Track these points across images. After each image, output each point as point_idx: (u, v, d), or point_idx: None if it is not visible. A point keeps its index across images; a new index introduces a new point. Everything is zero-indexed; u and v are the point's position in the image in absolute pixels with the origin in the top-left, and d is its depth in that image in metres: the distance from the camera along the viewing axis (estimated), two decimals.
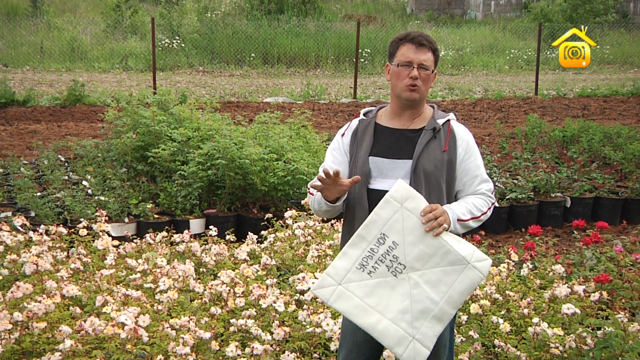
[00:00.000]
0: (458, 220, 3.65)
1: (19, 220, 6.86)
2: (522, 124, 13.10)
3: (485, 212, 3.81)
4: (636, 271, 6.19)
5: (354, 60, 20.39)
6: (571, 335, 4.90)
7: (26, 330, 4.79)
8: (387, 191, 3.61)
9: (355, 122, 3.90)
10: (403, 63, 3.73)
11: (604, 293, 5.56)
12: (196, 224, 8.06)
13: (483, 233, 7.52)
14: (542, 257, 6.61)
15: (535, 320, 5.07)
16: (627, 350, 4.15)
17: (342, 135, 3.90)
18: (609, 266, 6.31)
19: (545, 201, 9.10)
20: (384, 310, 3.57)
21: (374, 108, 3.96)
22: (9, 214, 7.90)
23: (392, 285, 3.58)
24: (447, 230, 3.59)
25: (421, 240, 3.56)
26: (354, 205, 3.78)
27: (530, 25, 28.72)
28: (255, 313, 5.18)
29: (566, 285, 5.63)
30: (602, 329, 4.66)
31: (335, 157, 3.89)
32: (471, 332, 4.92)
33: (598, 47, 27.17)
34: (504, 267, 6.03)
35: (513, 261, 6.29)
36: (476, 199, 3.78)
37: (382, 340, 3.56)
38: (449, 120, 3.81)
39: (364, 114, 3.92)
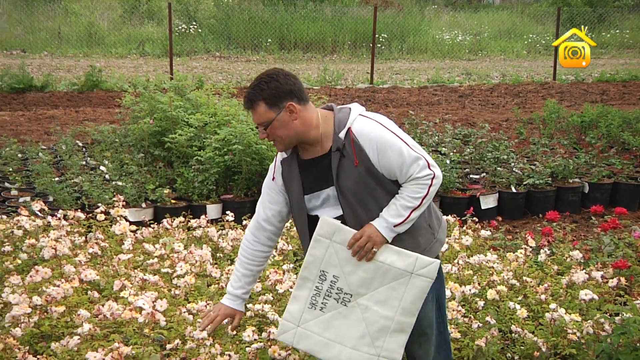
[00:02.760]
0: (394, 226, 3.60)
1: (37, 205, 6.90)
2: (540, 110, 13.01)
3: (425, 195, 3.59)
4: None
5: (371, 45, 20.33)
6: (589, 321, 4.88)
7: (45, 314, 4.83)
8: (336, 218, 3.70)
9: (279, 164, 3.82)
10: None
11: (622, 279, 5.53)
12: (213, 209, 8.08)
13: (500, 219, 7.52)
14: (560, 243, 6.59)
15: (553, 306, 5.05)
16: None
17: (273, 179, 3.85)
18: (627, 252, 6.29)
19: (563, 187, 9.05)
20: (343, 340, 3.73)
21: None
22: (28, 198, 7.95)
23: (345, 314, 3.73)
24: (385, 243, 3.64)
25: (358, 267, 3.68)
26: (300, 233, 3.93)
27: (549, 10, 28.49)
28: (271, 298, 5.20)
29: (584, 271, 5.61)
30: (620, 315, 4.65)
31: (272, 196, 3.88)
32: (488, 318, 4.90)
33: (618, 31, 26.99)
34: (521, 253, 6.01)
35: (530, 247, 6.27)
36: (409, 190, 3.60)
37: None
38: (350, 129, 3.61)
39: (283, 155, 3.82)
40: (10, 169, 9.22)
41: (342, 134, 3.59)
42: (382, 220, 3.60)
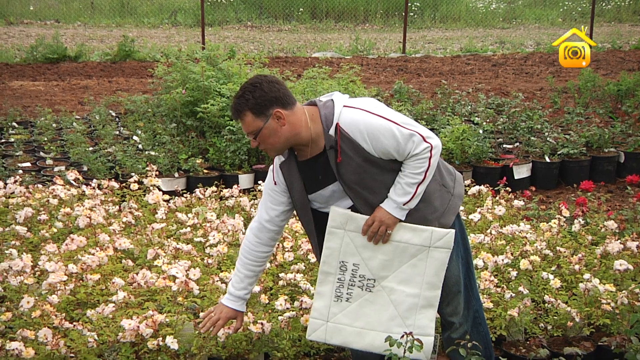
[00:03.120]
0: (403, 204, 3.60)
1: (72, 175, 6.96)
2: (574, 78, 12.84)
3: (428, 168, 3.57)
4: None
5: (403, 14, 20.14)
6: (623, 291, 4.85)
7: (81, 281, 4.88)
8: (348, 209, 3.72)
9: (277, 168, 3.80)
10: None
11: None
12: (245, 179, 8.10)
13: (533, 189, 7.46)
14: (594, 213, 6.53)
15: (587, 276, 5.03)
16: None
17: (275, 183, 3.83)
18: None
19: (598, 157, 8.95)
20: (374, 326, 3.74)
21: None
22: (62, 168, 8.02)
23: (371, 300, 3.74)
24: (398, 222, 3.65)
25: (376, 251, 3.70)
26: (307, 231, 3.94)
27: None
28: (304, 267, 5.21)
29: (619, 241, 5.57)
30: None
31: (274, 198, 3.85)
32: (521, 288, 4.88)
33: None
34: (554, 223, 5.97)
35: (564, 217, 6.23)
36: (410, 167, 3.58)
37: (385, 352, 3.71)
38: (337, 124, 3.57)
39: (280, 159, 3.80)
40: (45, 139, 9.31)
41: (331, 131, 3.57)
42: (391, 201, 3.60)
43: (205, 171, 8.21)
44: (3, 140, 9.47)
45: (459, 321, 3.95)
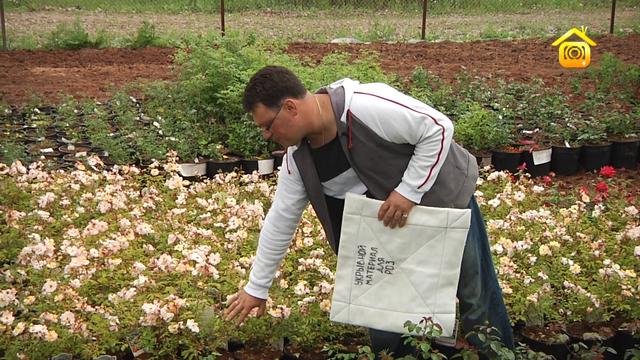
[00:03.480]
0: (418, 187, 3.61)
1: (93, 160, 6.99)
2: (595, 64, 12.73)
3: (441, 150, 3.57)
4: None
5: (423, 0, 20.03)
6: None
7: (102, 266, 4.91)
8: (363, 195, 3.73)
9: (290, 157, 3.81)
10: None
11: None
12: (264, 165, 8.11)
13: (553, 174, 7.42)
14: (615, 198, 6.49)
15: (607, 262, 5.01)
16: None
17: (289, 172, 3.84)
18: None
19: (619, 142, 8.89)
20: (396, 307, 3.76)
21: None
22: (84, 153, 8.06)
23: (391, 282, 3.76)
24: (413, 206, 3.65)
25: (393, 235, 3.71)
26: (321, 219, 3.96)
27: None
28: (323, 253, 5.22)
29: (639, 227, 5.53)
30: None
31: (290, 187, 3.86)
32: (540, 274, 4.87)
33: None
34: (574, 209, 5.93)
35: (584, 203, 6.20)
36: (423, 150, 3.58)
37: (408, 332, 3.71)
38: (349, 111, 3.56)
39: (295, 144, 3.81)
40: (67, 125, 9.35)
41: (343, 118, 3.57)
42: (405, 185, 3.61)
43: (225, 157, 8.23)
44: (25, 126, 9.52)
45: (477, 302, 3.95)
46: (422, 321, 3.69)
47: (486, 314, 3.95)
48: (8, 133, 9.01)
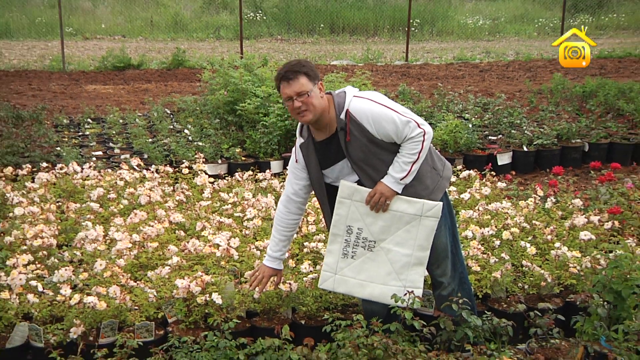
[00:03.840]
0: (400, 179, 3.62)
1: (135, 161, 7.00)
2: (548, 82, 12.69)
3: (421, 150, 3.60)
4: None
5: (406, 29, 19.99)
6: (587, 257, 4.83)
7: (142, 248, 4.91)
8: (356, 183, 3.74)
9: (298, 148, 3.85)
10: (285, 99, 3.65)
11: (616, 222, 5.50)
12: (276, 165, 8.10)
13: (514, 173, 7.40)
14: (564, 192, 6.48)
15: (557, 244, 5.01)
16: (634, 269, 4.06)
17: (296, 161, 3.88)
18: (620, 200, 6.18)
19: (567, 146, 8.86)
20: (374, 279, 3.77)
21: (304, 126, 3.82)
22: (127, 155, 8.05)
23: (372, 258, 3.77)
24: (396, 195, 3.66)
25: (377, 218, 3.72)
26: (320, 202, 3.95)
27: None
28: (324, 237, 5.20)
29: (584, 216, 5.55)
30: (614, 252, 4.58)
31: (297, 174, 3.90)
32: (503, 254, 4.86)
33: (615, 15, 26.09)
34: (531, 201, 5.93)
35: (539, 196, 6.19)
36: (406, 148, 3.60)
37: (383, 300, 3.76)
38: (347, 111, 3.60)
39: (300, 134, 3.83)
40: (114, 132, 9.35)
41: (342, 116, 3.61)
42: (390, 177, 3.63)
43: (243, 158, 8.22)
44: (80, 134, 9.51)
45: (447, 281, 3.97)
46: (406, 294, 3.68)
47: (455, 290, 3.95)
48: (66, 139, 9.00)
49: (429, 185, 3.76)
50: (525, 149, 8.69)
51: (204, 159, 7.05)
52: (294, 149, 3.90)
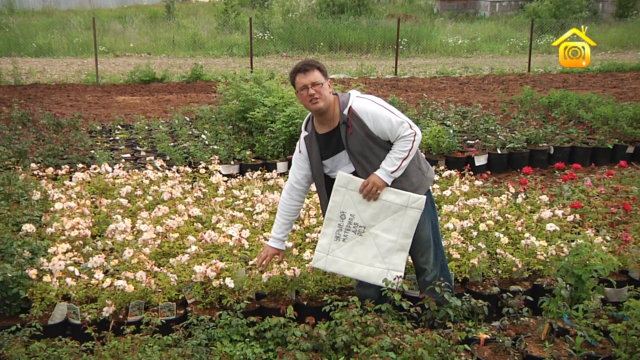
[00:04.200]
0: (391, 172, 3.62)
1: (158, 162, 6.99)
2: (518, 93, 12.67)
3: (411, 148, 3.62)
4: (600, 200, 6.06)
5: (395, 47, 19.96)
6: (552, 245, 4.83)
7: (165, 238, 4.90)
8: (351, 174, 3.74)
9: (302, 140, 3.85)
10: (300, 88, 3.66)
11: (577, 215, 5.50)
12: (281, 166, 8.09)
13: (489, 172, 7.39)
14: (532, 189, 6.47)
15: (527, 235, 5.00)
16: (592, 256, 4.07)
17: (300, 152, 3.87)
18: (581, 196, 6.18)
19: (535, 149, 8.85)
20: (362, 261, 3.76)
21: (309, 120, 3.84)
22: (152, 157, 8.04)
23: (361, 242, 3.75)
24: (386, 187, 3.65)
25: (368, 206, 3.71)
26: (319, 190, 3.93)
27: (525, 21, 27.58)
28: None
29: (549, 210, 5.54)
30: (575, 241, 4.58)
31: (299, 165, 3.90)
32: (480, 244, 4.85)
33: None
34: (504, 197, 5.92)
35: (511, 193, 6.18)
36: (398, 146, 3.62)
37: (368, 280, 3.76)
38: (350, 108, 3.63)
39: (305, 128, 3.84)
40: (140, 137, 9.34)
41: (345, 112, 3.63)
42: (382, 170, 3.63)
43: (252, 160, 8.20)
44: (111, 138, 9.50)
45: (429, 268, 3.96)
46: (395, 278, 3.67)
47: (437, 276, 3.94)
48: (99, 143, 9.00)
49: (414, 182, 3.76)
50: (499, 151, 8.68)
51: (218, 161, 7.04)
52: (298, 141, 3.90)
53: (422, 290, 3.93)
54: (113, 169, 6.75)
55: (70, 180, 6.40)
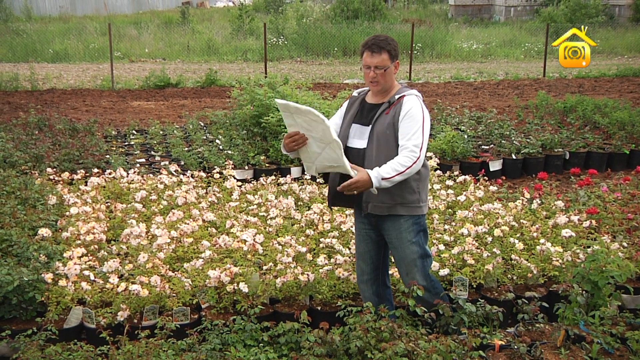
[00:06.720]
0: (382, 178, 3.53)
1: (173, 167, 7.02)
2: (533, 98, 12.61)
3: (410, 166, 3.56)
4: (617, 205, 6.01)
5: (409, 52, 19.93)
6: (568, 251, 4.80)
7: (179, 243, 4.92)
8: (360, 149, 3.71)
9: (350, 99, 3.95)
10: (365, 66, 3.72)
11: (593, 221, 5.46)
12: (295, 171, 8.10)
13: (504, 178, 7.37)
14: (548, 195, 6.42)
15: (542, 241, 4.97)
16: (609, 262, 4.03)
17: (342, 106, 3.98)
18: (597, 202, 6.13)
19: (550, 154, 8.80)
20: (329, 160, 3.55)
21: (366, 89, 3.92)
22: (167, 162, 8.09)
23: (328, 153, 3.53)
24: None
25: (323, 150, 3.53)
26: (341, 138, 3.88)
27: (540, 25, 27.44)
28: (337, 234, 5.20)
29: (565, 215, 5.50)
30: (591, 247, 4.54)
31: (338, 114, 3.97)
32: (494, 249, 4.82)
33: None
34: (519, 203, 5.89)
35: (526, 198, 6.14)
36: (402, 157, 3.57)
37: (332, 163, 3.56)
38: (403, 95, 3.71)
39: (358, 93, 3.95)
40: (155, 142, 9.39)
41: (397, 96, 3.72)
42: (376, 171, 3.56)
43: (266, 165, 8.22)
44: (126, 143, 9.57)
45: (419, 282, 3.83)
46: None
47: (426, 287, 3.84)
48: (114, 148, 9.06)
49: (407, 198, 3.73)
50: (514, 157, 8.64)
51: (232, 166, 7.06)
52: (347, 99, 3.98)
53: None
54: (128, 173, 6.79)
55: (86, 185, 6.44)
